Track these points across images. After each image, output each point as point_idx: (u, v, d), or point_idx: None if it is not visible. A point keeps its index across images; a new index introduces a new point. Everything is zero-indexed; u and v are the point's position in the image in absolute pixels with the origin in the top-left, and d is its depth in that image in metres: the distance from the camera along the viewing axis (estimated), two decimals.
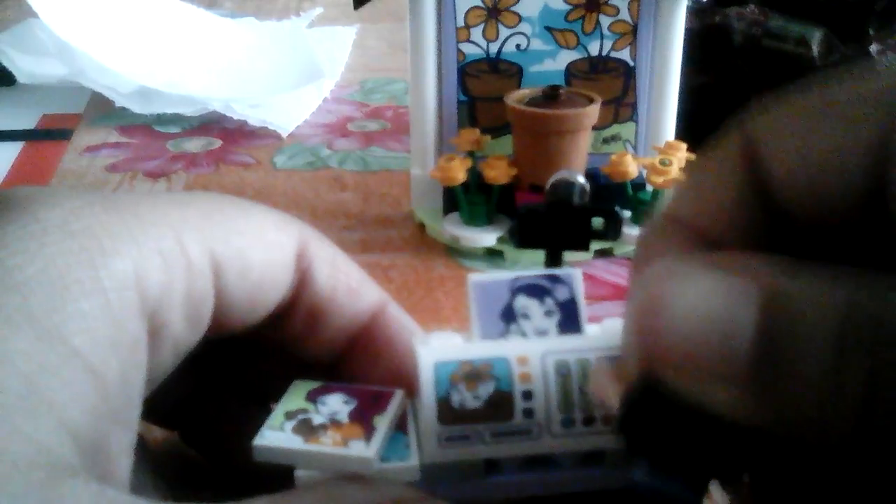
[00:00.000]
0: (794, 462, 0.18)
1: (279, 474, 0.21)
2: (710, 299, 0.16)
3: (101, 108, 0.71)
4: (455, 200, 0.50)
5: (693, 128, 0.49)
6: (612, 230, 0.33)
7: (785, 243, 0.19)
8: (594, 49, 0.49)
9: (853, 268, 0.15)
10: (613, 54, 0.50)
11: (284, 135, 0.66)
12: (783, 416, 0.16)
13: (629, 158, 0.48)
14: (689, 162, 0.48)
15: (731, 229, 0.19)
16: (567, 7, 0.49)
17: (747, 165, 0.19)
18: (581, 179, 0.34)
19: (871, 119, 0.17)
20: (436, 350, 0.22)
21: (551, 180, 0.34)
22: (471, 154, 0.49)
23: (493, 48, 0.49)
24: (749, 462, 0.19)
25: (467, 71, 0.50)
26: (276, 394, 0.23)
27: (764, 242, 0.19)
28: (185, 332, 0.22)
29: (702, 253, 0.19)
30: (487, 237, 0.49)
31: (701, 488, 0.19)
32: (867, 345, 0.14)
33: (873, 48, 0.54)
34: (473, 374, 0.21)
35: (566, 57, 0.50)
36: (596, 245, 0.48)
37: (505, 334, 0.22)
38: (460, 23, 0.49)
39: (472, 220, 0.49)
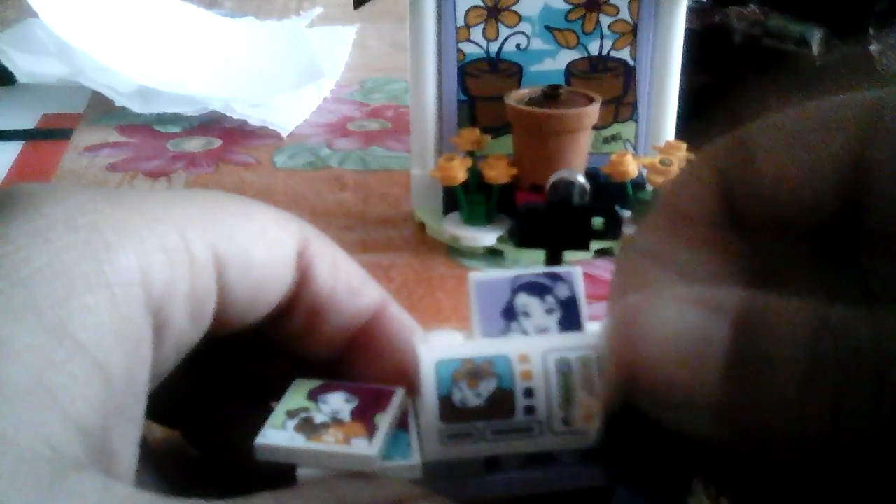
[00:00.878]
0: (766, 477, 0.18)
1: (281, 473, 0.21)
2: (684, 319, 0.17)
3: (101, 108, 0.71)
4: (455, 200, 0.50)
5: (693, 128, 0.49)
6: (612, 230, 0.33)
7: (754, 254, 0.20)
8: (594, 49, 0.50)
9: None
10: (613, 54, 0.50)
11: (284, 134, 0.66)
12: (754, 433, 0.16)
13: (629, 158, 0.48)
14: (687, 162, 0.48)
15: (706, 239, 0.20)
16: (567, 7, 0.49)
17: (729, 176, 0.20)
18: (581, 179, 0.34)
19: (848, 133, 0.18)
20: (437, 348, 0.22)
21: (551, 180, 0.35)
22: (471, 154, 0.49)
23: (493, 48, 0.49)
24: (722, 477, 0.20)
25: (467, 70, 0.50)
26: (277, 392, 0.23)
27: (735, 250, 0.20)
28: (187, 328, 0.22)
29: (676, 283, 0.20)
30: (487, 237, 0.49)
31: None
32: (836, 359, 0.15)
33: (873, 48, 0.54)
34: (474, 371, 0.21)
35: (566, 56, 0.50)
36: (596, 245, 0.48)
37: (506, 332, 0.22)
38: (460, 22, 0.49)
39: (472, 219, 0.49)
